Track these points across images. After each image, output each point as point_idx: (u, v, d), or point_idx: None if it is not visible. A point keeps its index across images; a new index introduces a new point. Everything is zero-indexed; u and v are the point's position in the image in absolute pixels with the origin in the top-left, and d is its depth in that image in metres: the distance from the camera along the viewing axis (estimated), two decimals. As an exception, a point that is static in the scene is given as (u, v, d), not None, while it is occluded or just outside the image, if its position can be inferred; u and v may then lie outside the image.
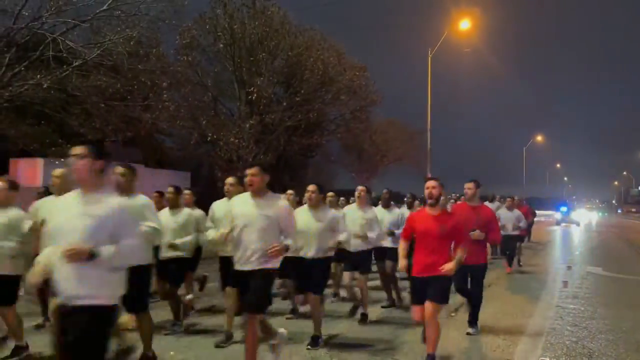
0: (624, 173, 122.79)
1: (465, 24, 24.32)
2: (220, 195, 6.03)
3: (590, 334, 6.21)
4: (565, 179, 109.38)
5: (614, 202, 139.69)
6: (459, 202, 9.55)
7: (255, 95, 19.74)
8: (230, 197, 5.24)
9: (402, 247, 4.95)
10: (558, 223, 39.68)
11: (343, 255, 6.47)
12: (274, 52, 20.82)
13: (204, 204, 6.72)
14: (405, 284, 6.86)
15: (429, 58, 25.06)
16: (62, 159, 13.63)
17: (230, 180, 5.81)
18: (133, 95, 15.77)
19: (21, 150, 16.65)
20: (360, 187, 6.78)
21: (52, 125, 17.59)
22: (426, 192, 4.84)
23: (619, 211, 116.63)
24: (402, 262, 4.93)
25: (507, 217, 11.17)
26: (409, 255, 4.93)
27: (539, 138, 55.34)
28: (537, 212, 22.82)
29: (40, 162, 16.70)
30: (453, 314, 7.10)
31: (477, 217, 5.91)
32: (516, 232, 11.39)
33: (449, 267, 4.54)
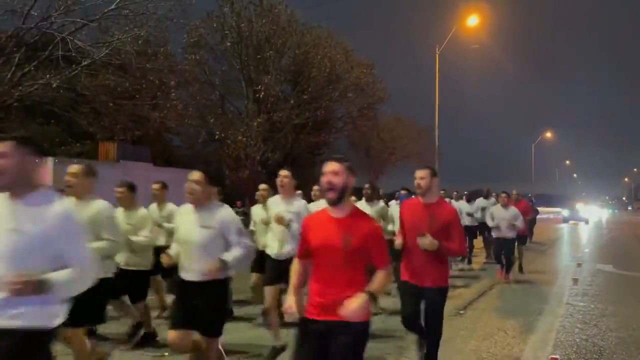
0: (634, 170, 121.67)
1: (473, 20, 24.19)
2: (227, 193, 6.11)
3: (601, 331, 6.16)
4: (575, 175, 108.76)
5: (624, 198, 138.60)
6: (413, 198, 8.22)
7: (262, 93, 19.78)
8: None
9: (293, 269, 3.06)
10: (565, 221, 37.83)
11: None
12: (281, 50, 20.85)
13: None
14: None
15: (437, 55, 24.96)
16: (72, 158, 13.75)
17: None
18: (141, 94, 15.84)
19: (31, 150, 16.77)
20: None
21: (61, 125, 17.73)
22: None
23: (629, 208, 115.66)
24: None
25: (501, 216, 9.48)
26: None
27: (548, 135, 54.95)
28: (544, 209, 22.48)
29: (50, 161, 16.84)
30: (462, 312, 7.08)
31: (431, 219, 4.04)
32: (511, 234, 9.50)
33: (352, 307, 2.59)
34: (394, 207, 7.81)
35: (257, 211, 6.41)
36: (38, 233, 2.21)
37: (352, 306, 2.57)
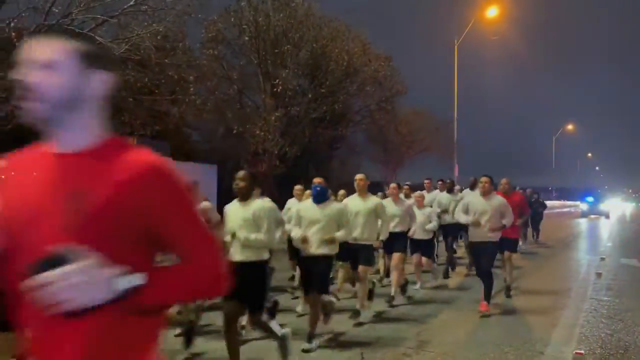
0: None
1: (492, 12, 23.87)
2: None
3: (626, 326, 6.05)
4: (597, 168, 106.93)
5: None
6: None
7: (280, 87, 19.79)
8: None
9: None
10: (584, 215, 35.63)
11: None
12: (298, 44, 20.80)
13: (231, 195, 6.77)
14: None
15: (456, 47, 24.69)
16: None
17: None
18: (160, 89, 15.95)
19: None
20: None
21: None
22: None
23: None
24: None
25: (479, 209, 6.62)
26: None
27: (570, 127, 54.13)
28: (562, 202, 21.74)
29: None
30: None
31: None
32: (492, 238, 6.56)
33: None
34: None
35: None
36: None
37: None
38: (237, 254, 4.22)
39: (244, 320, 5.05)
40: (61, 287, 1.07)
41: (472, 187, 10.09)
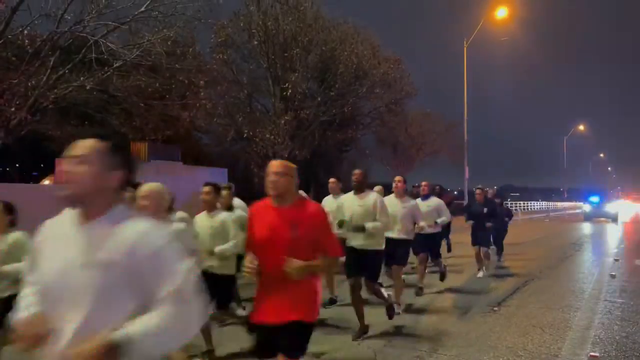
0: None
1: (502, 12, 23.79)
2: (255, 191, 6.10)
3: (642, 329, 5.98)
4: (610, 168, 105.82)
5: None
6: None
7: (289, 91, 19.86)
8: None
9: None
10: (587, 218, 30.79)
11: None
12: (307, 48, 20.88)
13: (240, 198, 6.85)
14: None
15: (465, 48, 24.61)
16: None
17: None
18: (171, 94, 16.07)
19: (66, 151, 17.24)
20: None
21: (94, 126, 18.14)
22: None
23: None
24: None
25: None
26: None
27: (581, 127, 53.72)
28: (574, 203, 20.85)
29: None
30: (496, 308, 6.97)
31: None
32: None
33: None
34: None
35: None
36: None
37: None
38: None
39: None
40: None
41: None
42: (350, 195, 5.67)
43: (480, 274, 9.59)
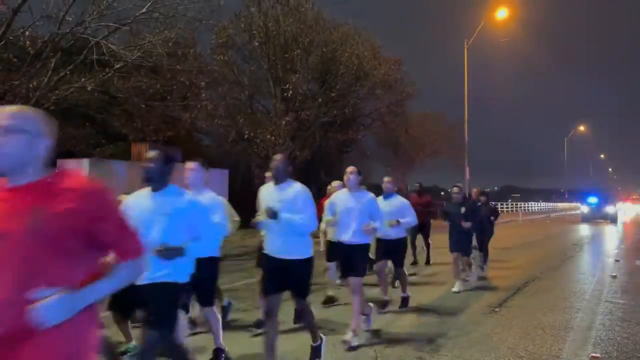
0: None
1: (502, 13, 23.80)
2: (256, 191, 6.01)
3: (643, 329, 5.98)
4: (610, 169, 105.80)
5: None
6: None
7: (290, 92, 19.87)
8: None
9: None
10: (585, 220, 30.39)
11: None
12: (308, 49, 20.88)
13: (241, 199, 6.85)
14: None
15: (465, 49, 24.64)
16: (106, 159, 14.07)
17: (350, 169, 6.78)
18: (172, 95, 16.09)
19: (67, 152, 17.28)
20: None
21: (95, 127, 18.16)
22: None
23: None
24: None
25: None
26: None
27: (582, 128, 53.76)
28: (575, 204, 20.94)
29: (85, 162, 17.30)
30: (497, 309, 6.97)
31: None
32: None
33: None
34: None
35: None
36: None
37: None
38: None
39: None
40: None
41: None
42: (269, 185, 4.56)
43: (456, 288, 8.12)
